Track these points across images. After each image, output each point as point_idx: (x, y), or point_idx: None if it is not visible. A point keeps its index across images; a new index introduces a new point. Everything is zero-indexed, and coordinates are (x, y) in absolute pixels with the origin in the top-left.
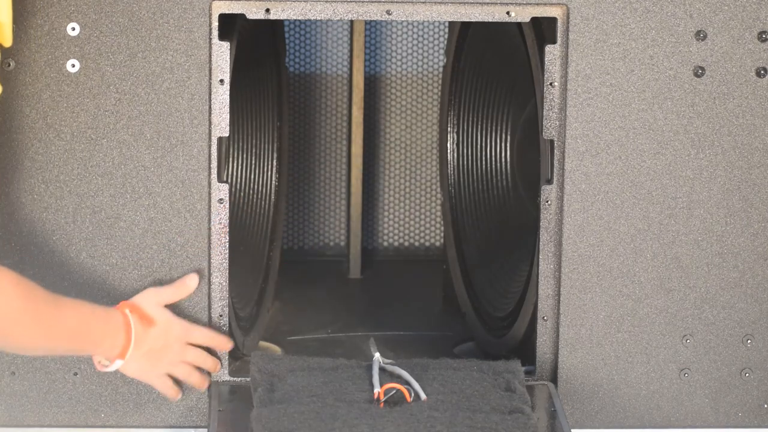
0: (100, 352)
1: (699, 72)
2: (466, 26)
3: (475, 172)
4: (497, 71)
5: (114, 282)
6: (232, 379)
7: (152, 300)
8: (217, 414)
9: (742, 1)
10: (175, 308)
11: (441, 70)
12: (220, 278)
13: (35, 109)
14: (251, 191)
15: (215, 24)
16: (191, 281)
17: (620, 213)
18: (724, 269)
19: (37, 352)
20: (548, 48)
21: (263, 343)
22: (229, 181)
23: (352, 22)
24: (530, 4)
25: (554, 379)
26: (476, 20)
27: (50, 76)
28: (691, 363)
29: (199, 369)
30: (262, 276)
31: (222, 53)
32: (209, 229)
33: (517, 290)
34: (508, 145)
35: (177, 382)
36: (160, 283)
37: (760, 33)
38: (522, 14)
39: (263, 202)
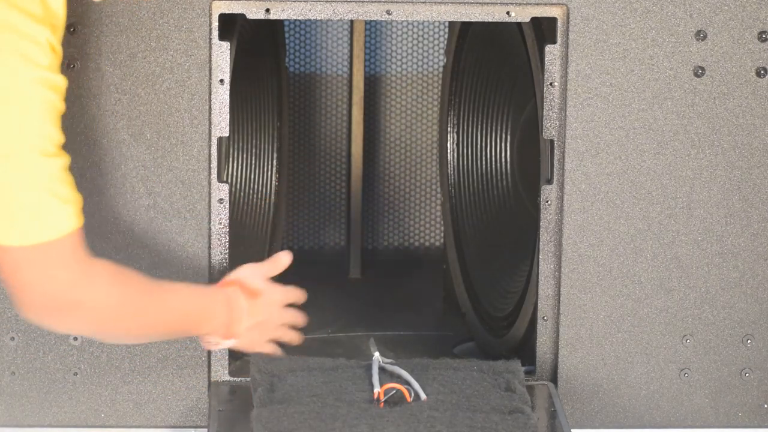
0: (205, 333)
1: (699, 72)
2: (466, 26)
3: (475, 172)
4: (497, 71)
5: None
6: (232, 379)
7: (251, 273)
8: (217, 414)
9: (742, 1)
10: None
11: (441, 70)
12: (220, 278)
13: None
14: (251, 191)
15: (215, 24)
16: (285, 257)
17: (620, 213)
18: (724, 269)
19: (140, 341)
20: (548, 48)
21: None
22: (229, 181)
23: (352, 22)
24: (530, 4)
25: (554, 379)
26: (476, 20)
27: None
28: (691, 363)
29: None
30: None
31: (222, 53)
32: (209, 229)
33: (517, 290)
34: (508, 145)
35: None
36: None
37: (760, 33)
38: (522, 14)
39: (263, 202)
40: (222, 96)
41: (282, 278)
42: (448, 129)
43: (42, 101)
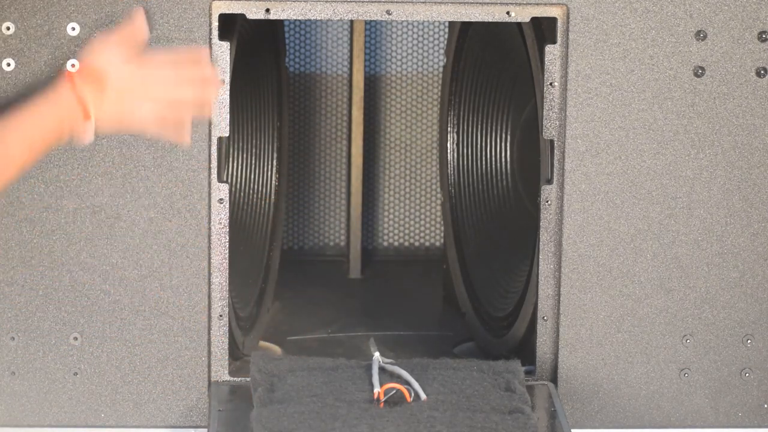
0: (69, 134)
1: (699, 72)
2: (466, 26)
3: (475, 172)
4: (497, 71)
5: (114, 282)
6: (232, 379)
7: (98, 48)
8: (217, 414)
9: (742, 1)
10: (175, 309)
11: (441, 70)
12: (220, 278)
13: None
14: (251, 191)
15: (215, 24)
16: (137, 14)
17: (620, 213)
18: (724, 269)
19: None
20: (548, 48)
21: (263, 343)
22: (229, 181)
23: (352, 22)
24: (530, 4)
25: (554, 379)
26: (476, 20)
27: (50, 76)
28: (691, 363)
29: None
30: (262, 276)
31: (222, 53)
32: (209, 229)
33: (517, 290)
34: (508, 145)
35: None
36: (162, 285)
37: (760, 33)
38: (522, 14)
39: (263, 202)
40: (222, 96)
41: (282, 278)
42: (448, 129)
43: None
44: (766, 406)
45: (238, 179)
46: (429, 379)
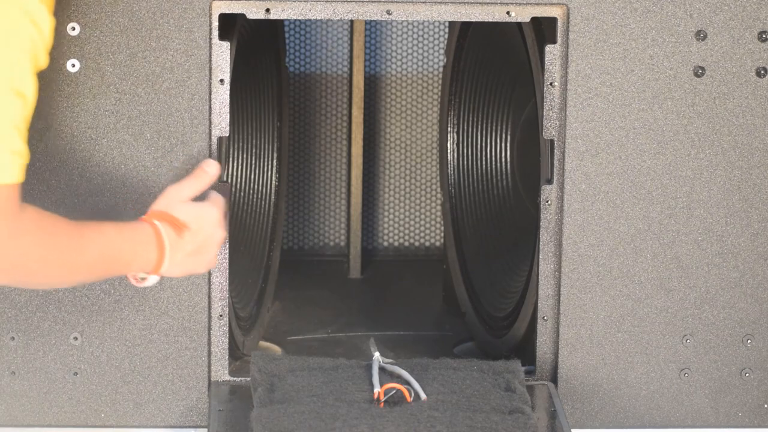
0: (135, 270)
1: (699, 72)
2: (466, 26)
3: (475, 172)
4: (497, 71)
5: (114, 282)
6: (232, 379)
7: (176, 199)
8: (217, 414)
9: (742, 1)
10: (175, 309)
11: (441, 70)
12: (220, 278)
13: (35, 109)
14: (251, 191)
15: (215, 24)
16: (210, 167)
17: (620, 213)
18: (724, 269)
19: (68, 285)
20: (548, 48)
21: (263, 343)
22: (229, 181)
23: (352, 22)
24: (530, 4)
25: (554, 379)
26: (476, 20)
27: (50, 76)
28: (691, 363)
29: None
30: (262, 276)
31: (222, 53)
32: None
33: (517, 290)
34: (508, 145)
35: None
36: (162, 285)
37: (760, 33)
38: (522, 14)
39: (263, 202)
40: (222, 96)
41: (282, 278)
42: (448, 129)
43: (28, 38)
44: (766, 406)
45: (238, 179)
46: (429, 379)
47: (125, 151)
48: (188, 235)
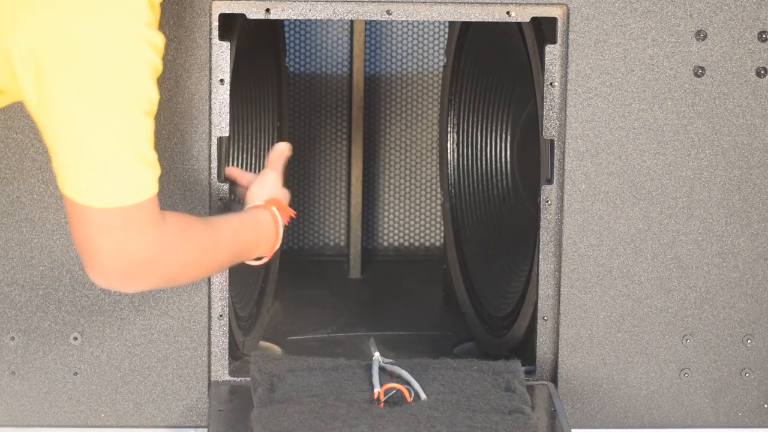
0: (256, 255)
1: (699, 72)
2: (466, 26)
3: (475, 172)
4: (497, 71)
5: None
6: (232, 379)
7: (278, 186)
8: (217, 414)
9: (742, 1)
10: (175, 309)
11: (441, 70)
12: (220, 278)
13: None
14: None
15: (215, 24)
16: (283, 147)
17: (620, 213)
18: (724, 269)
19: (203, 278)
20: (548, 48)
21: (263, 343)
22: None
23: (352, 22)
24: (530, 4)
25: (554, 379)
26: (476, 20)
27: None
28: (691, 363)
29: None
30: (262, 276)
31: (222, 53)
32: None
33: (517, 290)
34: (508, 145)
35: None
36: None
37: (760, 33)
38: (522, 14)
39: None
40: (222, 96)
41: (282, 278)
42: (448, 129)
43: (142, 58)
44: (766, 406)
45: None
46: (429, 379)
47: None
48: (289, 216)
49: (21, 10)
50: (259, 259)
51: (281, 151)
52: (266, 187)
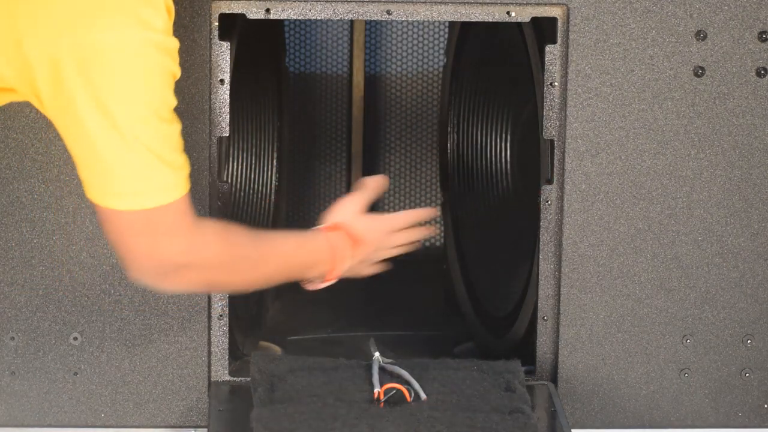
0: (309, 277)
1: (699, 72)
2: (466, 26)
3: (475, 172)
4: (497, 71)
5: (114, 282)
6: (232, 379)
7: (353, 212)
8: (217, 414)
9: (742, 1)
10: (175, 309)
11: (441, 70)
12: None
13: (36, 110)
14: (251, 191)
15: (215, 24)
16: (373, 182)
17: (620, 213)
18: (724, 269)
19: (249, 289)
20: (548, 48)
21: (263, 343)
22: (229, 181)
23: (352, 22)
24: (530, 4)
25: (554, 379)
26: (476, 20)
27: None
28: (691, 363)
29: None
30: None
31: (222, 53)
32: None
33: (517, 290)
34: (508, 145)
35: None
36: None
37: (760, 33)
38: (522, 14)
39: (263, 202)
40: (222, 96)
41: None
42: (448, 129)
43: (159, 65)
44: (766, 406)
45: (238, 179)
46: (429, 379)
47: None
48: (362, 246)
49: (40, 10)
50: (322, 281)
51: (381, 184)
52: (342, 210)
